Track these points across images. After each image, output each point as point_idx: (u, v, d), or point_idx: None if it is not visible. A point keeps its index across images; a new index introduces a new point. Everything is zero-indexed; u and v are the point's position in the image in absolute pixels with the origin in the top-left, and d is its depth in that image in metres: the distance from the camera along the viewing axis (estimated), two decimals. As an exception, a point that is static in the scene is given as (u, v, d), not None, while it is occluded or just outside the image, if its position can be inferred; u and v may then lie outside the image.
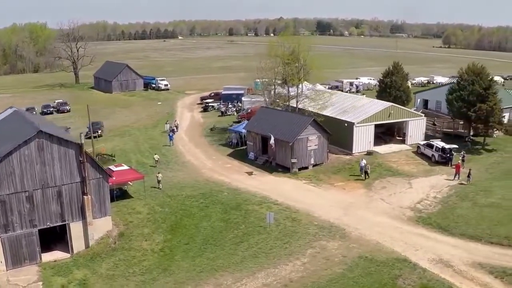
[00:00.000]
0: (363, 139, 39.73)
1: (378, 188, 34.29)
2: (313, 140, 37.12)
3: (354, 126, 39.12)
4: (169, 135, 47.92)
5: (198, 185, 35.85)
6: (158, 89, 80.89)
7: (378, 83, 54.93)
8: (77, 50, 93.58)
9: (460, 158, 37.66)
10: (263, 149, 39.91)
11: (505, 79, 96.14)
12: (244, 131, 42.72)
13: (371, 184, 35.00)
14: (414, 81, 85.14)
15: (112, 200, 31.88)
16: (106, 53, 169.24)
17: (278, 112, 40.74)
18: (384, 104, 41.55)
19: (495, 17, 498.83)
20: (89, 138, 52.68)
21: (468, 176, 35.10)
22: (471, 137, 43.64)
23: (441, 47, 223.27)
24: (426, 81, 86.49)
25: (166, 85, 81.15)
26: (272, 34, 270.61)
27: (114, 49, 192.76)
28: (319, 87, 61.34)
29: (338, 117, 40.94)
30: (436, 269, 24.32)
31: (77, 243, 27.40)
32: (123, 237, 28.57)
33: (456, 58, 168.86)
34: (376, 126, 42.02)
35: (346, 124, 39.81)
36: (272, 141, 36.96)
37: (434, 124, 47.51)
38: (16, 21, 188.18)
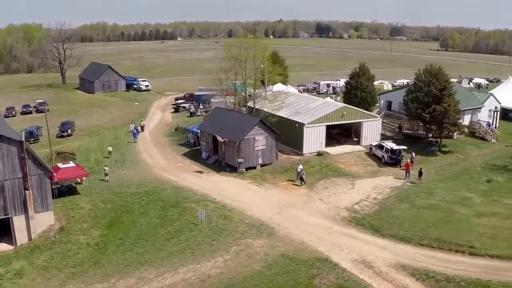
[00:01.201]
0: (314, 139, 39.68)
1: (320, 189, 34.25)
2: (260, 140, 37.22)
3: (304, 126, 39.15)
4: (133, 132, 49.22)
5: (145, 183, 36.34)
6: (139, 89, 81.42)
7: (344, 84, 54.93)
8: (64, 51, 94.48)
9: (409, 159, 37.62)
10: (215, 149, 40.12)
11: (490, 81, 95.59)
12: (199, 131, 43.02)
13: (314, 184, 34.97)
14: (396, 83, 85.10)
15: (59, 195, 33.58)
16: (101, 54, 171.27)
17: (230, 112, 40.94)
18: (336, 105, 41.56)
19: (496, 21, 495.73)
20: (61, 137, 54.67)
21: (419, 176, 35.35)
22: (437, 140, 43.27)
23: (438, 50, 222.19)
24: (407, 83, 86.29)
25: (147, 86, 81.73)
26: (271, 36, 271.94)
27: (111, 50, 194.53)
28: (290, 88, 61.61)
29: (290, 118, 41.00)
30: (356, 270, 24.27)
31: (21, 235, 28.47)
32: (63, 231, 29.43)
33: (448, 60, 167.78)
34: (331, 127, 42.16)
35: (297, 125, 39.86)
36: (220, 138, 37.21)
37: (399, 127, 47.43)
38: (16, 21, 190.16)
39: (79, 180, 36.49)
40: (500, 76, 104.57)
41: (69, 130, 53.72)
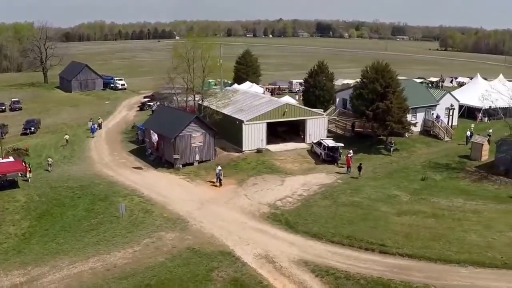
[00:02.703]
0: (254, 137, 39.62)
1: (249, 185, 34.25)
2: (197, 137, 37.34)
3: (244, 124, 39.14)
4: (91, 129, 50.46)
5: (83, 178, 36.94)
6: (115, 88, 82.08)
7: (303, 82, 54.76)
8: (46, 50, 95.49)
9: (346, 155, 37.42)
10: (157, 146, 40.30)
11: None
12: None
13: (245, 180, 35.00)
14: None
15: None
16: (94, 52, 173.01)
17: (171, 110, 41.21)
18: (278, 103, 41.45)
19: (499, 20, 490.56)
20: (25, 134, 55.54)
21: (359, 171, 35.56)
22: (391, 141, 42.62)
23: (437, 49, 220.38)
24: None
25: (123, 84, 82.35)
26: (270, 35, 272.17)
27: (106, 49, 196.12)
28: (256, 87, 61.67)
29: (232, 115, 41.03)
30: (257, 264, 24.28)
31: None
32: (-5, 222, 30.16)
33: (443, 60, 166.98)
34: (278, 124, 42.18)
35: (237, 122, 39.84)
36: (155, 137, 37.48)
37: (353, 125, 47.19)
38: (16, 20, 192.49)
39: (25, 175, 37.17)
40: (492, 76, 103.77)
41: (32, 128, 54.94)
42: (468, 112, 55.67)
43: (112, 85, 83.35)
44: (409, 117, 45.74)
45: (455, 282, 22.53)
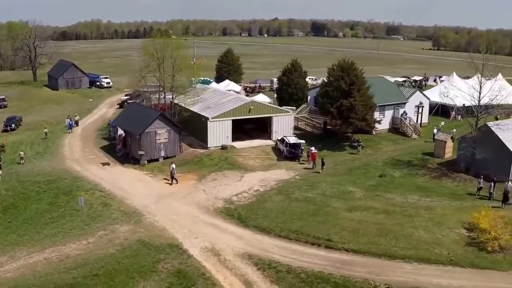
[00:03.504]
0: (219, 133, 40.46)
1: (209, 180, 35.02)
2: (162, 133, 38.17)
3: (208, 121, 39.99)
4: (69, 124, 51.84)
5: (52, 173, 37.86)
6: (101, 86, 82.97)
7: (277, 80, 55.60)
8: (35, 49, 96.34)
9: (307, 152, 38.26)
10: (125, 142, 41.17)
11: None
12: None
13: (205, 176, 35.78)
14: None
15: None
16: (87, 51, 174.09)
17: (139, 107, 42.12)
18: (243, 100, 42.28)
19: (494, 20, 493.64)
20: (5, 131, 56.44)
21: (322, 166, 36.50)
22: (359, 140, 43.20)
23: (430, 49, 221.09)
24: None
25: (108, 83, 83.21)
26: (265, 35, 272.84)
27: (101, 48, 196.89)
28: (233, 85, 62.58)
29: (199, 112, 41.91)
30: (202, 257, 25.01)
31: None
32: (-38, 215, 31.09)
33: (434, 59, 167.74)
34: (246, 121, 42.94)
35: (203, 119, 40.70)
36: (121, 133, 38.34)
37: (325, 123, 47.96)
38: (13, 18, 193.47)
39: None
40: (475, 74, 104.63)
41: (13, 125, 55.81)
42: (442, 110, 56.59)
43: (98, 83, 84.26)
44: (376, 114, 46.68)
45: (397, 278, 22.89)
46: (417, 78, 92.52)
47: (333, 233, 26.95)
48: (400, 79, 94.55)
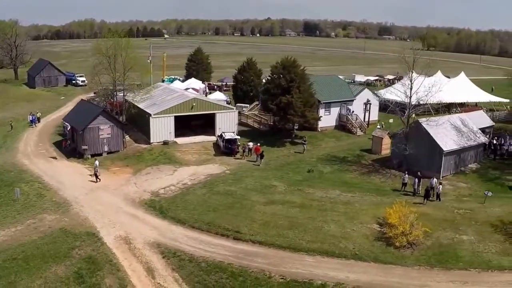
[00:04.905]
0: (162, 129, 42.20)
1: (143, 174, 36.69)
2: (105, 129, 39.95)
3: (151, 117, 41.77)
4: (31, 121, 53.95)
5: (0, 167, 39.13)
6: (76, 85, 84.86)
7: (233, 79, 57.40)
8: (16, 48, 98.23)
9: (242, 148, 39.96)
10: (73, 138, 43.01)
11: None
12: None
13: (141, 170, 37.48)
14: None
15: None
16: (75, 50, 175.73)
17: (87, 104, 44.02)
18: (186, 97, 44.06)
19: (486, 22, 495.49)
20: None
21: (261, 158, 38.36)
22: (304, 138, 44.42)
23: (419, 49, 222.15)
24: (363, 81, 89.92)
25: (83, 81, 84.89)
26: (258, 34, 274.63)
27: (90, 46, 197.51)
28: (195, 83, 64.27)
29: (144, 109, 43.77)
30: (114, 245, 26.60)
31: None
32: None
33: (417, 59, 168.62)
34: (193, 117, 44.61)
35: (147, 115, 42.51)
36: (68, 129, 40.15)
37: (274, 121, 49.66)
38: (9, 17, 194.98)
39: None
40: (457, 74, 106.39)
41: (-21, 122, 57.65)
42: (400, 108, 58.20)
43: (74, 81, 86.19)
44: (322, 111, 48.39)
45: (293, 270, 23.85)
46: (390, 77, 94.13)
47: (243, 225, 28.17)
48: (372, 78, 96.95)
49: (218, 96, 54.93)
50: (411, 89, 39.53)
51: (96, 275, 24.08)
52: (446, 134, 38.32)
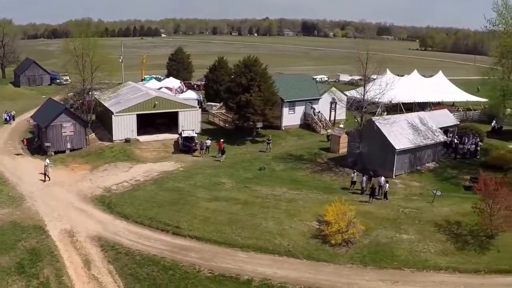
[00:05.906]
0: (124, 127, 43.43)
1: (100, 171, 37.91)
2: (67, 127, 41.27)
3: (113, 115, 43.07)
4: (5, 119, 55.36)
5: (-35, 164, 40.81)
6: (60, 84, 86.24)
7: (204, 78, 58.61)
8: (3, 47, 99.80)
9: (199, 145, 41.19)
10: (39, 135, 44.41)
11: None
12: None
13: (98, 167, 38.71)
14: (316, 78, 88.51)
15: None
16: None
17: (53, 102, 45.39)
18: (149, 96, 45.30)
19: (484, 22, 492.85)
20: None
21: (222, 154, 39.61)
22: (269, 137, 45.02)
23: (417, 49, 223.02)
24: (326, 79, 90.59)
25: (66, 80, 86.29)
26: (255, 34, 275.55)
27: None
28: (171, 82, 65.55)
29: (109, 107, 45.07)
30: (58, 238, 27.77)
31: None
32: None
33: (414, 59, 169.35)
34: (158, 116, 45.76)
35: (110, 114, 43.84)
36: (34, 125, 41.53)
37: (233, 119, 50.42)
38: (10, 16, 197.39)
39: None
40: (453, 74, 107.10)
41: (-43, 120, 59.18)
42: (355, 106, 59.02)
43: (58, 80, 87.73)
44: (286, 110, 49.40)
45: (224, 265, 24.69)
46: (374, 76, 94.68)
47: (184, 220, 29.12)
48: (357, 77, 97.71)
49: (189, 95, 56.13)
50: (364, 86, 40.49)
51: (36, 265, 25.26)
52: (400, 132, 38.64)
